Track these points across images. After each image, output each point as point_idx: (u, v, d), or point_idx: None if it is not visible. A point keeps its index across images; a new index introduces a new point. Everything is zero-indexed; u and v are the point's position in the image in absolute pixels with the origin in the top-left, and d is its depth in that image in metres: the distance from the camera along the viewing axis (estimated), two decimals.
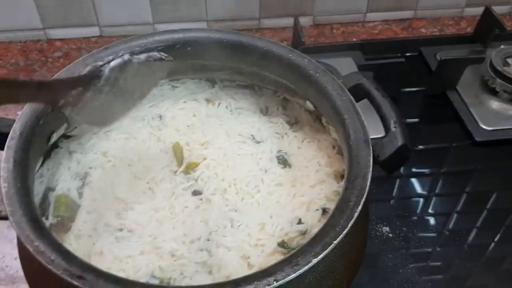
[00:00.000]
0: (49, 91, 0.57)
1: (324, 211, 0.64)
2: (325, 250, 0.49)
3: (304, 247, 0.50)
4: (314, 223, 0.63)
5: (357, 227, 0.57)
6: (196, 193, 0.68)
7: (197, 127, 0.76)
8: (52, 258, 0.48)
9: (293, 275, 0.47)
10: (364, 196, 0.53)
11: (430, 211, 0.88)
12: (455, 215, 0.87)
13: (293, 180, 0.70)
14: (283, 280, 0.47)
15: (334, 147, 0.72)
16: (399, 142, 0.59)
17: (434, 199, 0.90)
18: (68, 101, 0.57)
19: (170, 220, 0.64)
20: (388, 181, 0.92)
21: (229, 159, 0.71)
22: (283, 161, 0.72)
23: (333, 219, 0.52)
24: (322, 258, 0.49)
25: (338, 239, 0.49)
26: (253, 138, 0.75)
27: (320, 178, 0.69)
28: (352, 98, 0.63)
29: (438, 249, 0.83)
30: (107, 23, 1.17)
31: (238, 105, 0.80)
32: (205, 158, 0.71)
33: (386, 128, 0.61)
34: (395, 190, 0.91)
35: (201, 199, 0.67)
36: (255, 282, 0.47)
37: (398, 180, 0.93)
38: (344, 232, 0.50)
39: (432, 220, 0.86)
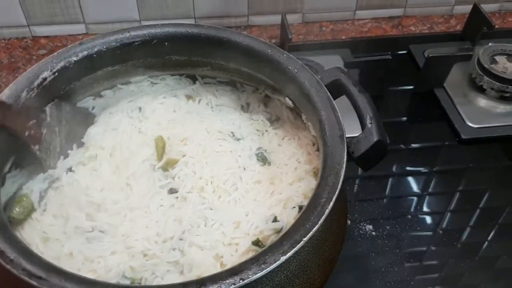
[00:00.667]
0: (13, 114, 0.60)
1: (301, 208, 0.62)
2: (294, 247, 0.47)
3: (273, 245, 0.49)
4: (290, 220, 0.61)
5: (331, 224, 0.56)
6: (172, 191, 0.67)
7: (178, 122, 0.75)
8: (12, 258, 0.47)
9: (260, 274, 0.46)
10: (336, 192, 0.52)
11: (418, 210, 0.86)
12: (445, 214, 0.86)
13: (272, 177, 0.68)
14: (249, 279, 0.45)
15: (314, 144, 0.71)
16: (375, 138, 0.58)
17: (422, 198, 0.88)
18: (31, 134, 0.62)
19: (143, 219, 0.63)
20: (376, 181, 0.91)
21: (208, 156, 0.70)
22: (263, 159, 0.71)
23: (304, 216, 0.51)
24: (293, 256, 0.48)
25: (308, 236, 0.48)
26: (233, 135, 0.74)
27: (299, 175, 0.68)
28: (329, 94, 0.62)
29: (430, 248, 0.81)
30: (93, 21, 1.16)
31: (219, 102, 0.79)
32: (185, 155, 0.70)
33: (362, 124, 0.60)
34: (382, 189, 0.90)
35: (176, 197, 0.66)
36: (220, 281, 0.45)
37: (384, 180, 0.91)
38: (314, 229, 0.48)
39: (421, 220, 0.85)
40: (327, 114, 0.60)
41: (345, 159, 0.55)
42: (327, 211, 0.50)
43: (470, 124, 0.97)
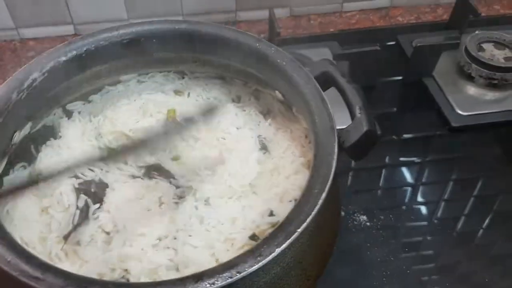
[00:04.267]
0: None
1: None
2: (288, 239, 0.48)
3: (268, 237, 0.49)
4: (286, 214, 0.61)
5: (325, 216, 0.56)
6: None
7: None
8: (9, 259, 0.47)
9: (256, 266, 0.46)
10: (329, 183, 0.52)
11: (412, 200, 0.87)
12: (439, 203, 0.87)
13: (272, 169, 0.68)
14: (245, 272, 0.46)
15: (306, 137, 0.71)
16: (364, 127, 0.58)
17: (415, 188, 0.89)
18: None
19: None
20: (368, 172, 0.92)
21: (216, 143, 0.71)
22: (264, 147, 0.71)
23: (298, 208, 0.51)
24: (288, 248, 0.48)
25: (302, 227, 0.48)
26: (231, 124, 0.73)
27: (295, 168, 0.67)
28: (318, 86, 0.62)
29: (425, 238, 0.82)
30: (81, 21, 1.16)
31: (209, 95, 0.78)
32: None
33: (352, 114, 0.60)
34: (374, 180, 0.90)
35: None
36: (217, 275, 0.45)
37: (377, 171, 0.92)
38: (308, 219, 0.49)
39: (415, 209, 0.86)
40: (316, 105, 0.60)
41: (336, 150, 0.55)
42: (320, 202, 0.50)
43: (460, 112, 0.98)
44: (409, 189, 0.89)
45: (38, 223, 0.62)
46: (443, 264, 0.78)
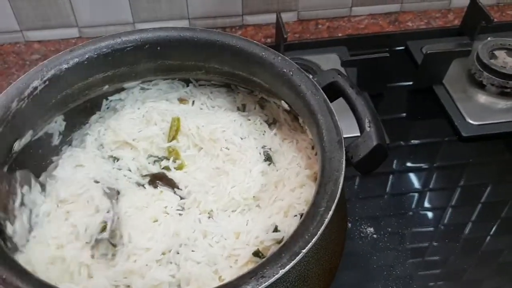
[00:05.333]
0: None
1: None
2: (293, 260, 0.46)
3: (272, 257, 0.47)
4: (291, 230, 0.58)
5: (331, 233, 0.54)
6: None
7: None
8: (4, 276, 0.45)
9: None
10: (336, 201, 0.50)
11: (420, 207, 0.85)
12: (447, 210, 0.85)
13: (276, 181, 0.67)
14: None
15: (313, 148, 0.69)
16: (374, 142, 0.56)
17: (423, 194, 0.87)
18: None
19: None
20: (376, 178, 0.90)
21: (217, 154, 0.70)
22: (268, 158, 0.70)
23: (303, 226, 0.49)
24: (292, 267, 0.47)
25: (307, 247, 0.47)
26: (236, 134, 0.72)
27: (301, 181, 0.66)
28: (326, 97, 0.60)
29: (432, 244, 0.81)
30: (86, 24, 1.15)
31: (214, 104, 0.77)
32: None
33: (361, 127, 0.58)
34: (383, 187, 0.89)
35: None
36: None
37: (385, 177, 0.90)
38: (313, 240, 0.47)
39: (422, 216, 0.84)
40: (324, 118, 0.58)
41: (343, 166, 0.53)
42: (326, 221, 0.48)
43: (470, 121, 0.96)
44: (416, 195, 0.87)
45: None
46: (449, 270, 0.77)
